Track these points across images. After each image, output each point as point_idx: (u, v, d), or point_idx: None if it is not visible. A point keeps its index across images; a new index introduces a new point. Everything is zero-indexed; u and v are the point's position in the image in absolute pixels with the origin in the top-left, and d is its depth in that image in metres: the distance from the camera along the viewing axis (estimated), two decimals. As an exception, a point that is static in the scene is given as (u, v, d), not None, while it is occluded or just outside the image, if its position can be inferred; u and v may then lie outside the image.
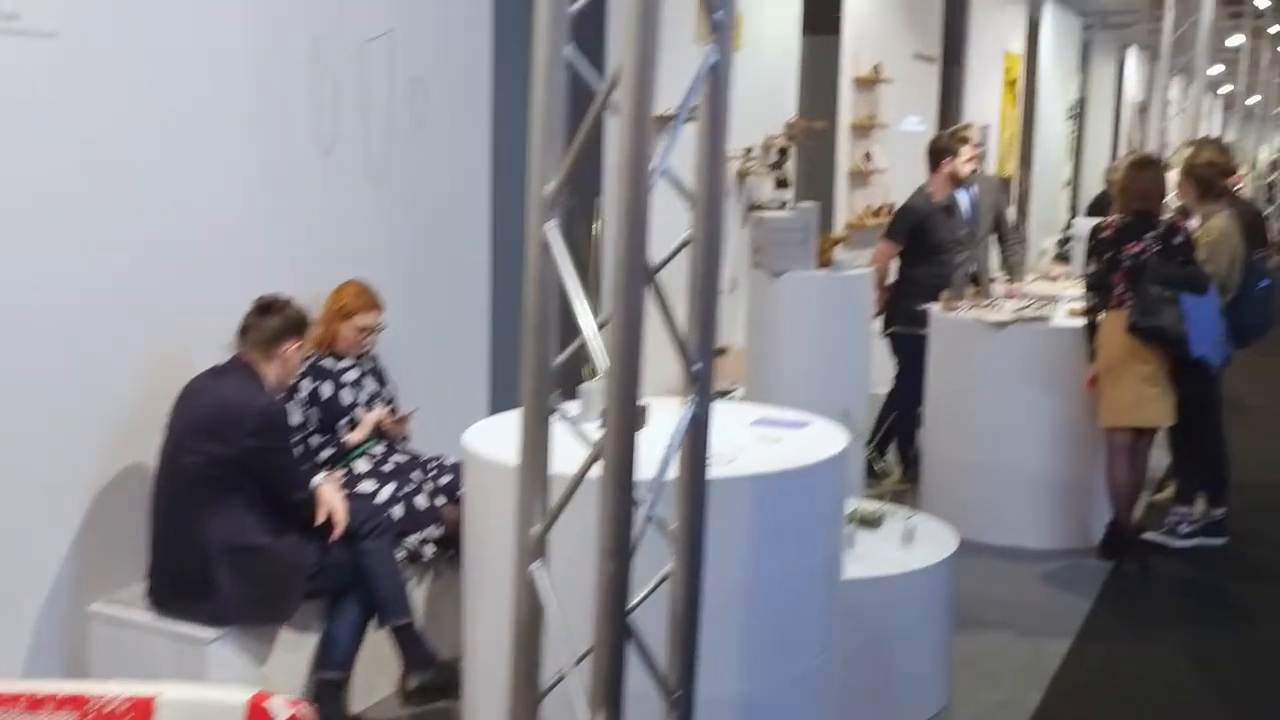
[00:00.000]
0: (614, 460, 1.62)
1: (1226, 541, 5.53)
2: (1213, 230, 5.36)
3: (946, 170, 6.07)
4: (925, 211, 6.05)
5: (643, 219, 1.58)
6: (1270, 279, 5.70)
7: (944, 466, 5.68)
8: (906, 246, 5.99)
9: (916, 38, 9.06)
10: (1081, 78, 14.04)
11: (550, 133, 1.69)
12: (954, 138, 6.19)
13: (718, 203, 1.76)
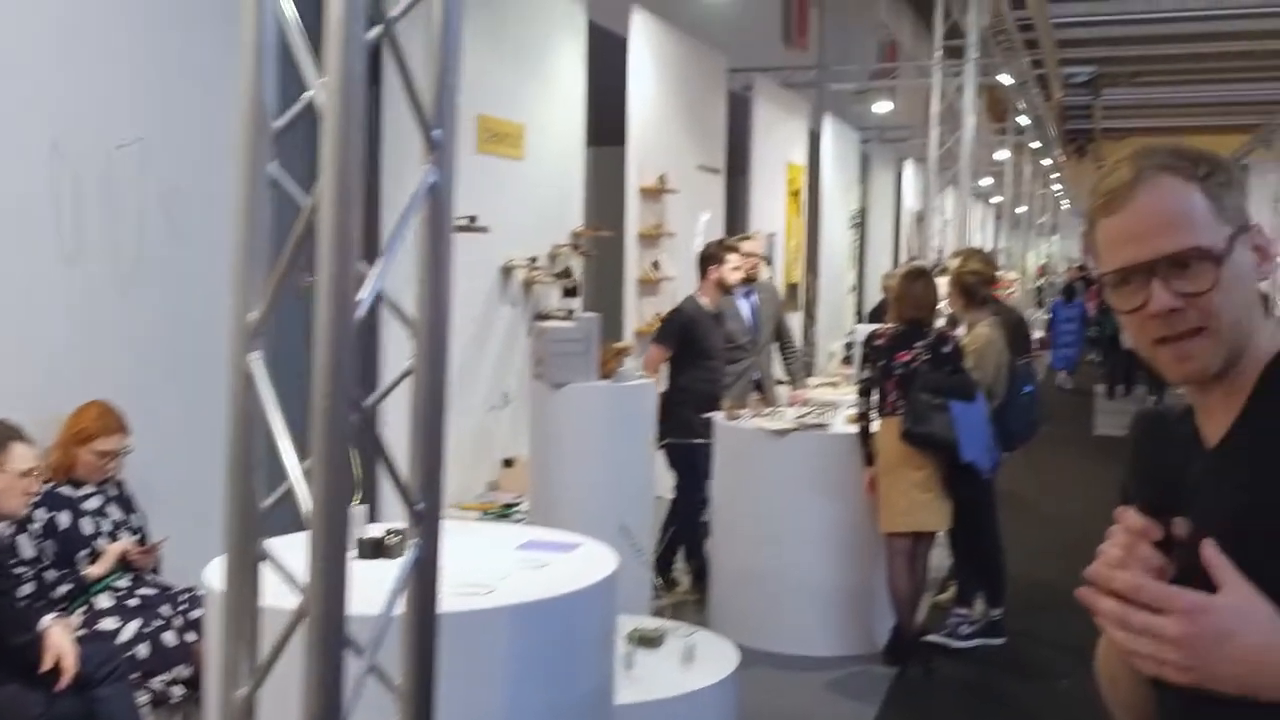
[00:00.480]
0: (320, 619, 1.46)
1: (1006, 641, 5.64)
2: (979, 338, 5.55)
3: (714, 277, 6.14)
4: (694, 316, 6.09)
5: (348, 348, 1.45)
6: (1034, 384, 5.93)
7: (731, 576, 5.64)
8: (676, 353, 6.00)
9: (700, 149, 9.25)
10: (862, 188, 14.65)
11: (253, 255, 1.55)
12: (721, 246, 6.27)
13: (442, 330, 1.64)
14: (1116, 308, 1.40)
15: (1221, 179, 1.40)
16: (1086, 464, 11.19)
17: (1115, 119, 31.66)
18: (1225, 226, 1.36)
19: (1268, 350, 1.40)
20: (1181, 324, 1.36)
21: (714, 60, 9.65)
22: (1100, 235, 1.41)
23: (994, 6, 11.47)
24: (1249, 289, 1.38)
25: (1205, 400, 1.42)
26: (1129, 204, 1.38)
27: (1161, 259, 1.34)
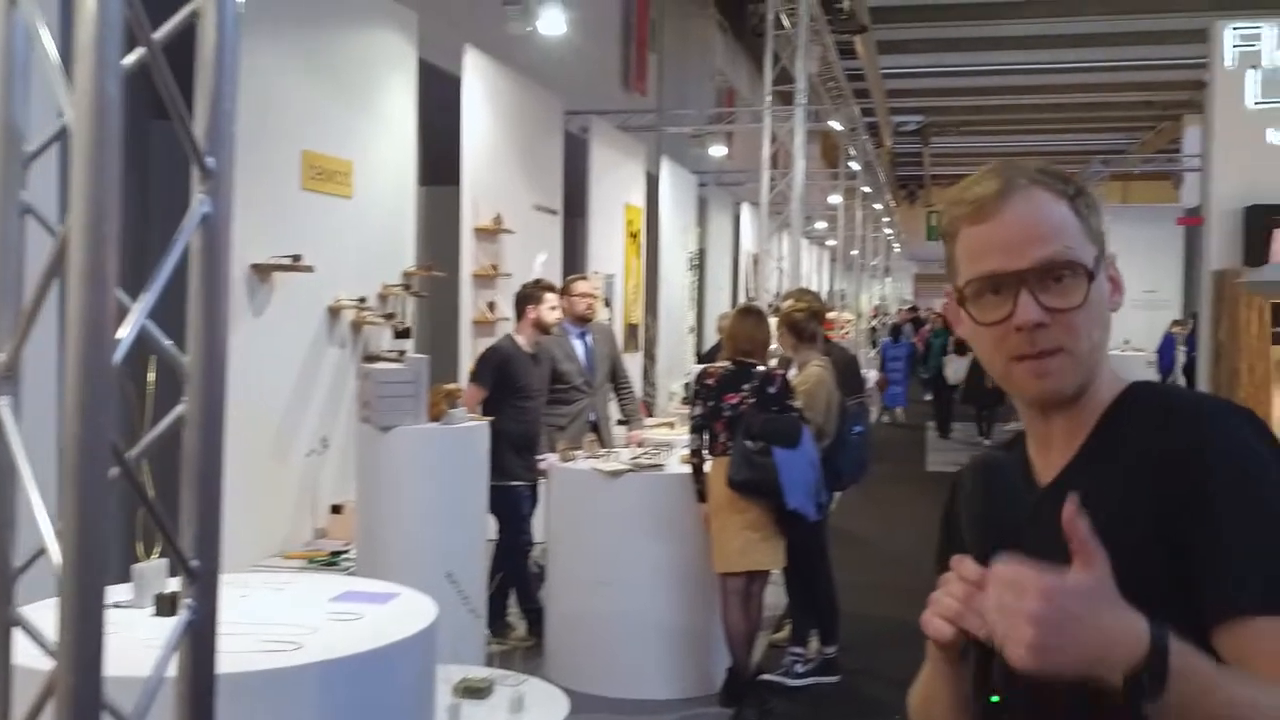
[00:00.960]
0: (71, 688, 1.33)
1: (840, 679, 5.67)
2: (809, 378, 5.60)
3: (531, 317, 6.09)
4: (510, 356, 6.02)
5: (106, 392, 1.32)
6: (865, 425, 6.01)
7: (565, 620, 5.55)
8: (492, 393, 5.90)
9: (537, 189, 9.20)
10: (700, 230, 14.81)
11: (2, 290, 1.42)
12: (538, 285, 6.22)
13: (219, 372, 1.53)
14: (977, 319, 1.33)
15: (1088, 201, 1.37)
16: (919, 500, 11.44)
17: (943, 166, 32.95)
18: (1092, 247, 1.33)
19: (1110, 390, 1.36)
20: (1044, 341, 1.30)
21: (550, 101, 9.63)
22: (963, 245, 1.35)
23: (823, 54, 11.76)
24: (1105, 317, 1.35)
25: (1045, 431, 1.38)
26: (999, 213, 1.32)
27: (1035, 268, 1.29)
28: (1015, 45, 18.24)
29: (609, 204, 10.87)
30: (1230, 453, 1.22)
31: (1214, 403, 1.32)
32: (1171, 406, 1.30)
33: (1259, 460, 1.23)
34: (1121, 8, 15.94)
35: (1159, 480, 1.23)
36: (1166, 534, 1.21)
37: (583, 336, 6.52)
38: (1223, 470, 1.21)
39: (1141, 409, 1.32)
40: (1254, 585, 1.16)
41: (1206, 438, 1.24)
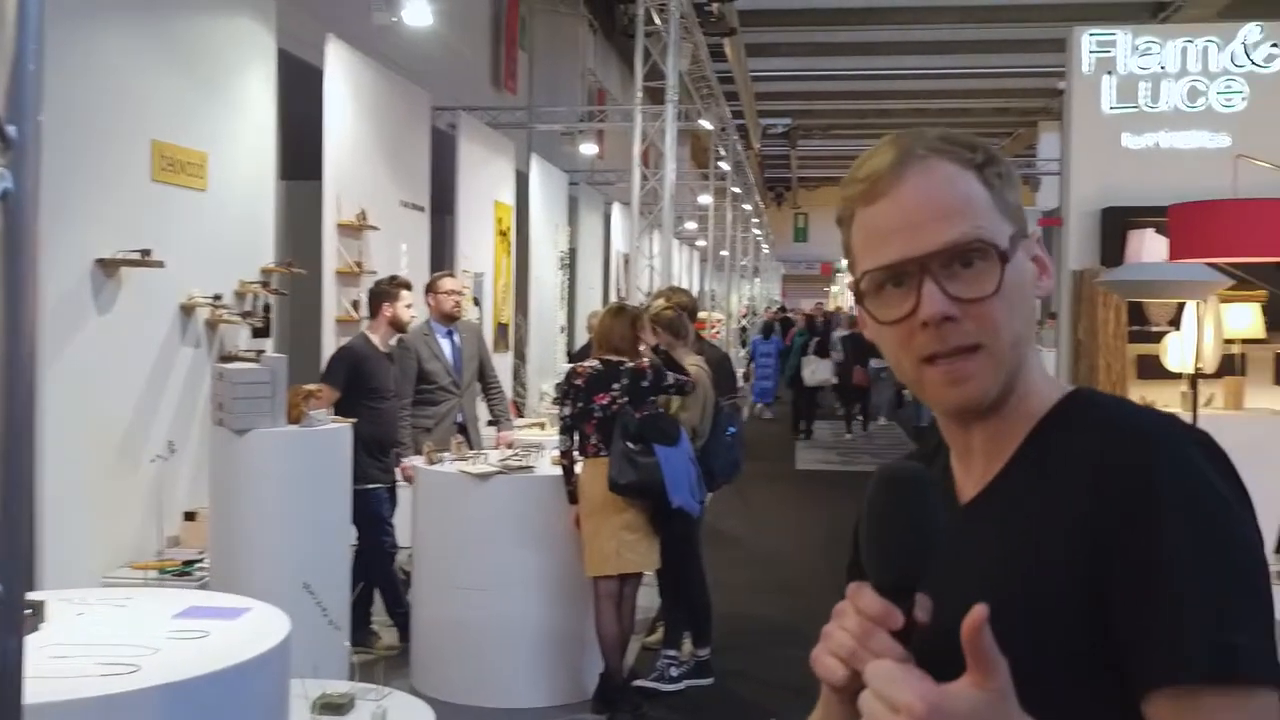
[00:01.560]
0: None
1: (714, 680, 5.61)
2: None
3: (386, 315, 5.90)
4: (363, 355, 5.82)
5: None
6: (738, 426, 5.96)
7: (433, 628, 5.38)
8: (345, 394, 5.69)
9: (403, 185, 8.98)
10: (571, 229, 14.69)
11: None
12: (394, 283, 6.02)
13: (24, 373, 1.35)
14: (877, 318, 1.15)
15: (999, 170, 1.17)
16: (789, 499, 11.54)
17: (810, 168, 33.44)
18: (1007, 224, 1.14)
19: (1044, 396, 1.18)
20: (957, 337, 1.11)
21: (417, 96, 9.41)
22: (859, 230, 1.17)
23: (694, 53, 11.76)
24: (1028, 304, 1.16)
25: (965, 441, 1.19)
26: (895, 189, 1.14)
27: (938, 252, 1.10)
28: (881, 51, 18.57)
29: (478, 201, 10.69)
30: (1183, 487, 1.04)
31: (1167, 425, 1.11)
32: (1117, 423, 1.11)
33: (1215, 498, 1.04)
34: (981, 17, 16.32)
35: (1096, 511, 1.05)
36: (1099, 574, 1.04)
37: (450, 335, 6.35)
38: (1173, 507, 1.03)
39: (1081, 423, 1.13)
40: (1200, 648, 0.98)
41: (1156, 467, 1.05)
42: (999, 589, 1.06)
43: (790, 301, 33.86)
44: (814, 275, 41.51)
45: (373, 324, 5.99)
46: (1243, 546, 1.03)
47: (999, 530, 1.13)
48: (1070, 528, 1.06)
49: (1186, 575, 1.00)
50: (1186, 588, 1.00)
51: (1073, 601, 1.05)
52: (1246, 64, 8.12)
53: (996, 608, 1.02)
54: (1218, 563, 1.01)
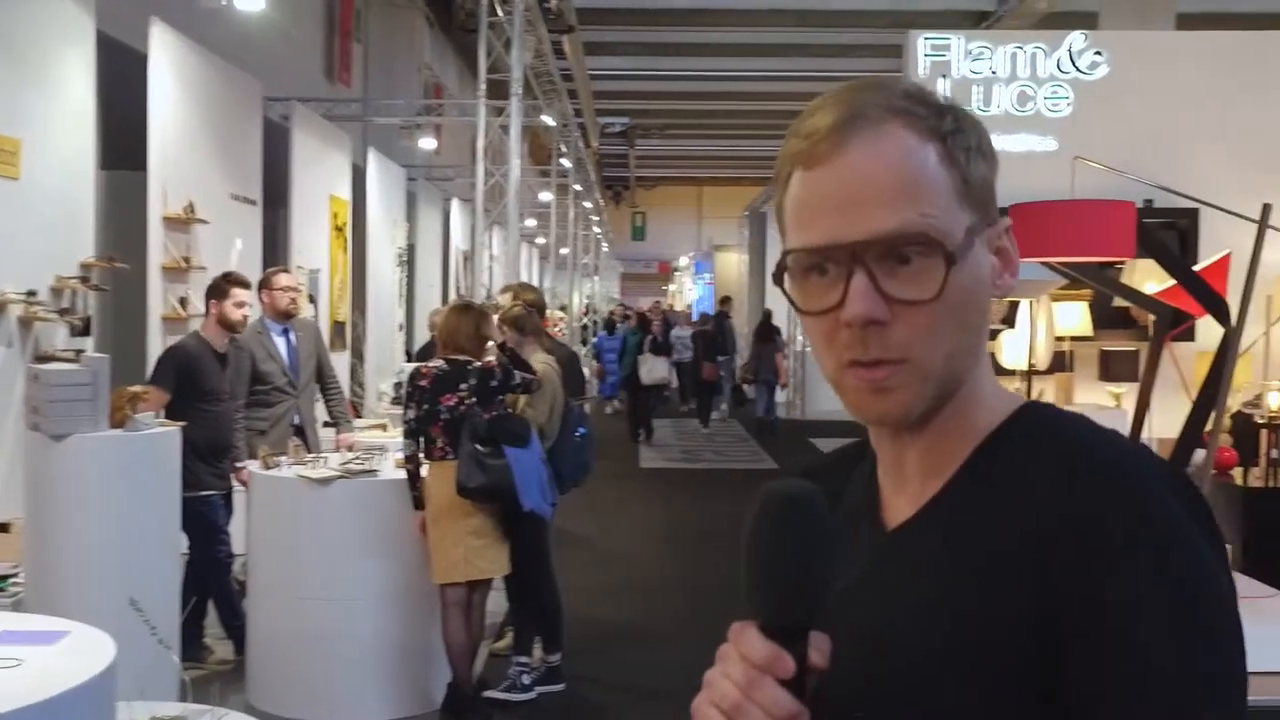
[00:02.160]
0: None
1: (565, 686, 5.50)
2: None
3: (215, 314, 5.61)
4: (196, 355, 5.52)
5: None
6: (587, 427, 5.86)
7: (271, 640, 5.12)
8: (177, 397, 5.38)
9: (234, 178, 8.59)
10: (409, 226, 14.37)
11: None
12: (225, 279, 5.73)
13: None
14: (799, 306, 0.98)
15: (970, 140, 0.98)
16: (635, 498, 11.51)
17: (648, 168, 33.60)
18: (966, 211, 0.96)
19: (992, 410, 1.01)
20: (880, 346, 0.94)
21: (248, 85, 9.02)
22: (791, 196, 0.98)
23: (536, 47, 11.63)
24: (979, 308, 0.99)
25: (896, 456, 1.03)
26: (837, 156, 0.95)
27: (874, 241, 0.93)
28: (718, 52, 18.73)
29: (312, 195, 10.34)
30: (1161, 549, 0.87)
31: (1141, 465, 0.93)
32: (1085, 459, 0.93)
33: (1195, 562, 0.88)
34: (817, 21, 16.61)
35: (1056, 560, 0.88)
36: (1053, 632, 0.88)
37: (285, 334, 6.08)
38: (1147, 571, 0.87)
39: (1038, 448, 0.96)
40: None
41: (1130, 521, 0.88)
42: (932, 630, 0.93)
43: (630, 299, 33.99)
44: (652, 274, 41.76)
45: (205, 323, 5.69)
46: (1221, 618, 0.88)
47: (934, 562, 0.96)
48: (1023, 571, 0.89)
49: (1157, 650, 0.85)
50: (1156, 664, 0.85)
51: (1018, 652, 0.89)
52: (1072, 71, 8.43)
53: (929, 650, 0.92)
54: (1193, 638, 0.85)
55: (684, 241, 38.48)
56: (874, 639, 0.94)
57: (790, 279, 0.99)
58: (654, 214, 39.10)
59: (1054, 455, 0.94)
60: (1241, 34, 9.39)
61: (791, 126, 1.00)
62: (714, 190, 36.67)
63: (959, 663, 0.90)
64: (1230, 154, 8.02)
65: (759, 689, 0.84)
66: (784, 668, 0.84)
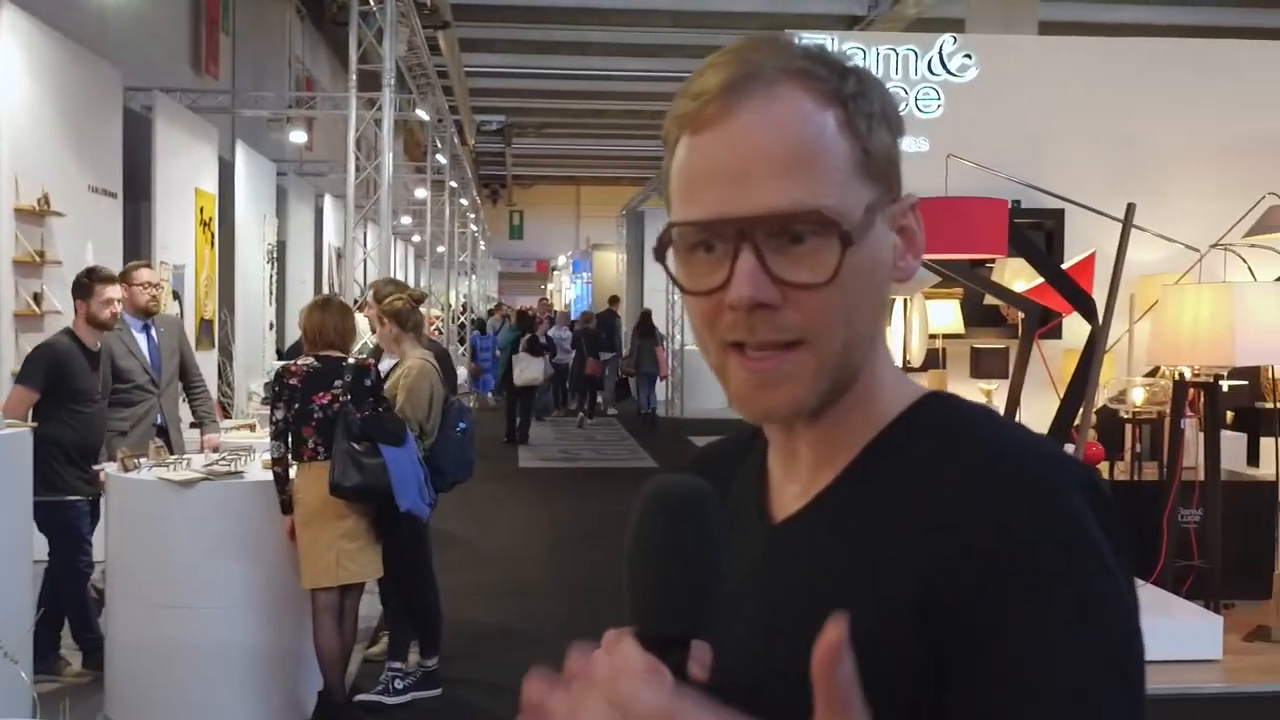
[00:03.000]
0: None
1: (441, 691, 5.38)
2: (411, 370, 5.29)
3: (82, 313, 5.37)
4: (66, 353, 5.27)
5: None
6: (469, 422, 5.76)
7: (131, 650, 4.90)
8: (45, 397, 5.13)
9: (92, 169, 8.25)
10: (279, 221, 14.02)
11: None
12: (91, 275, 5.49)
13: None
14: (681, 284, 0.89)
15: (874, 105, 0.90)
16: (514, 498, 11.40)
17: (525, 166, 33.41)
18: (865, 186, 0.88)
19: (891, 399, 0.94)
20: (771, 329, 0.86)
21: (108, 74, 8.67)
22: (678, 163, 0.90)
23: (409, 39, 11.43)
24: (878, 292, 0.92)
25: (788, 445, 0.96)
26: (726, 120, 0.86)
27: (764, 218, 0.85)
28: (595, 51, 18.70)
29: (177, 189, 9.99)
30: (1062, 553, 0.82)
31: (1048, 462, 0.87)
32: (987, 454, 0.87)
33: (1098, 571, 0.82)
34: (692, 22, 16.70)
35: (949, 559, 0.83)
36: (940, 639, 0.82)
37: (146, 330, 5.83)
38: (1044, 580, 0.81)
39: (939, 441, 0.90)
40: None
41: (1033, 523, 0.82)
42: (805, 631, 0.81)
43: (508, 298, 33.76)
44: (530, 273, 41.57)
45: (75, 320, 5.41)
46: (1122, 632, 0.82)
47: (817, 559, 0.90)
48: (913, 568, 0.84)
49: (1051, 664, 0.79)
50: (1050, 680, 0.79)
51: (905, 652, 0.83)
52: (943, 73, 8.58)
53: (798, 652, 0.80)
54: (1089, 652, 0.80)
55: (562, 240, 38.40)
56: (757, 639, 0.88)
57: (674, 255, 0.90)
58: (532, 213, 38.93)
59: (953, 449, 0.88)
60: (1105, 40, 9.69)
61: (682, 85, 0.91)
62: (592, 189, 36.67)
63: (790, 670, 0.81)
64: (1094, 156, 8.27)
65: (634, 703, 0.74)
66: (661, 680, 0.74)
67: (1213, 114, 8.51)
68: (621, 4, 15.87)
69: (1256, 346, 4.90)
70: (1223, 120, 8.48)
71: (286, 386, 4.70)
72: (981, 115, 8.30)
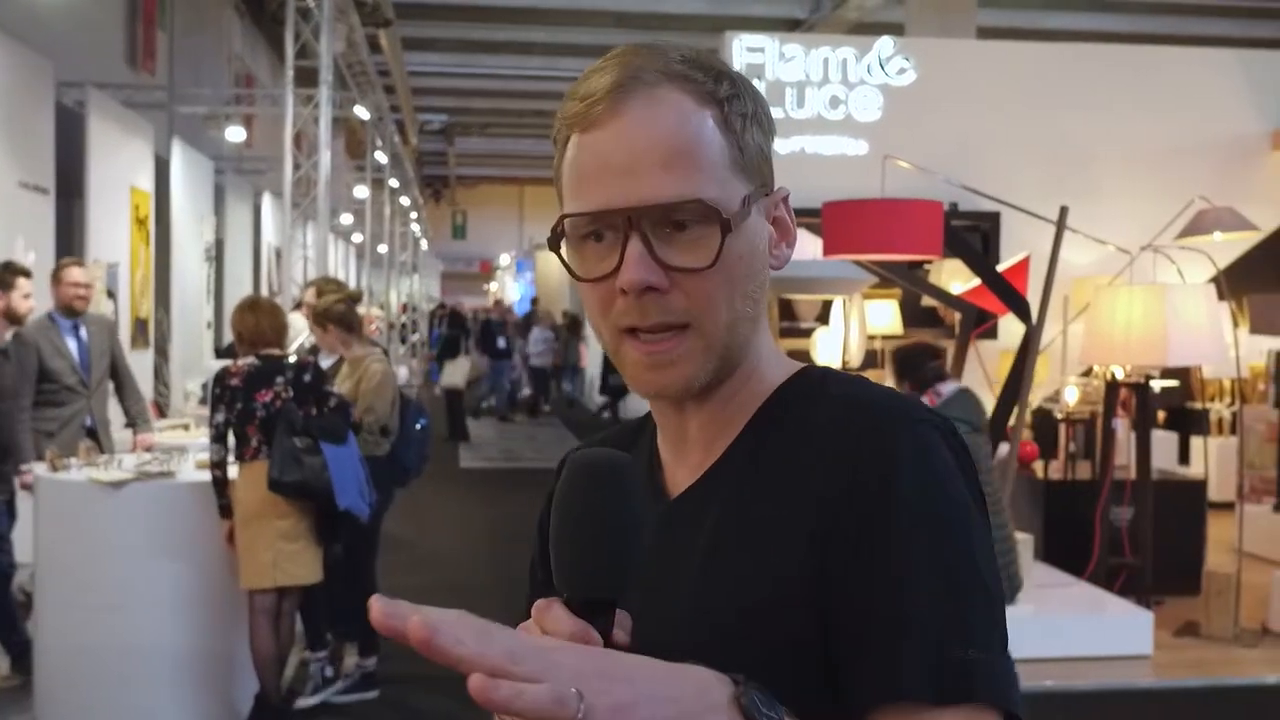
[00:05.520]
0: None
1: (380, 693, 5.34)
2: (374, 374, 5.26)
3: (1, 307, 5.26)
4: None
5: None
6: (427, 418, 5.77)
7: (61, 654, 4.80)
8: None
9: (22, 164, 8.08)
10: (217, 220, 13.83)
11: None
12: (8, 270, 5.38)
13: None
14: (575, 272, 0.97)
15: (747, 107, 0.99)
16: (456, 498, 11.34)
17: (468, 166, 33.26)
18: (741, 180, 0.97)
19: (771, 377, 1.02)
20: (660, 311, 0.94)
21: (38, 66, 8.50)
22: (568, 161, 0.98)
23: (349, 36, 11.33)
24: (756, 276, 0.99)
25: (679, 425, 1.03)
26: (612, 121, 0.95)
27: (650, 208, 0.93)
28: (538, 51, 18.66)
29: (111, 186, 9.81)
30: (923, 485, 0.90)
31: (910, 408, 0.96)
32: (856, 404, 0.96)
33: (956, 499, 0.92)
34: (634, 23, 16.71)
35: (823, 505, 0.91)
36: (823, 576, 0.90)
37: (76, 330, 5.72)
38: (908, 507, 0.89)
39: (810, 405, 0.99)
40: (927, 662, 0.85)
41: (898, 458, 0.91)
42: (707, 598, 0.93)
43: (450, 298, 33.56)
44: (473, 273, 41.37)
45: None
46: (980, 557, 0.90)
47: (711, 528, 0.97)
48: (797, 528, 0.91)
49: (919, 584, 0.87)
50: (919, 596, 0.87)
51: (797, 612, 0.90)
52: (881, 76, 8.66)
53: (701, 619, 0.91)
54: (953, 573, 0.88)
55: (505, 241, 38.25)
56: (655, 611, 0.92)
57: (567, 245, 0.98)
58: (475, 213, 38.73)
59: (828, 409, 0.97)
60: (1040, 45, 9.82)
61: (570, 89, 0.99)
62: (536, 190, 36.55)
63: (740, 629, 0.90)
64: (1029, 159, 8.38)
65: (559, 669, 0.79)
66: (592, 643, 0.80)
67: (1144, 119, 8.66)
68: (564, 4, 15.86)
69: (1188, 347, 5.00)
70: (1154, 125, 8.63)
71: (227, 388, 4.63)
72: (919, 118, 8.39)
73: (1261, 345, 8.07)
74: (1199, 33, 13.83)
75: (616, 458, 0.84)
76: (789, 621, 0.90)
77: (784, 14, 14.76)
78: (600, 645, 0.79)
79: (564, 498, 0.83)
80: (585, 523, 0.82)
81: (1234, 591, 5.13)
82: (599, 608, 0.81)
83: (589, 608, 0.80)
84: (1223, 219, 6.96)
